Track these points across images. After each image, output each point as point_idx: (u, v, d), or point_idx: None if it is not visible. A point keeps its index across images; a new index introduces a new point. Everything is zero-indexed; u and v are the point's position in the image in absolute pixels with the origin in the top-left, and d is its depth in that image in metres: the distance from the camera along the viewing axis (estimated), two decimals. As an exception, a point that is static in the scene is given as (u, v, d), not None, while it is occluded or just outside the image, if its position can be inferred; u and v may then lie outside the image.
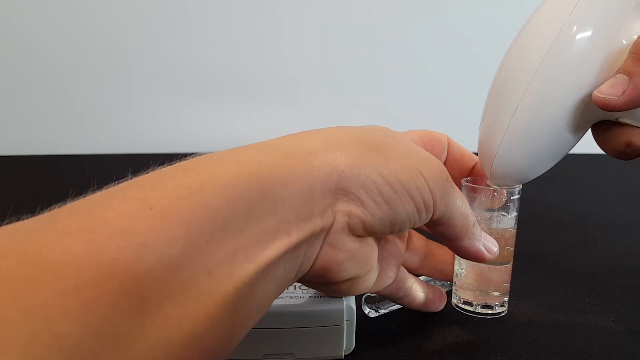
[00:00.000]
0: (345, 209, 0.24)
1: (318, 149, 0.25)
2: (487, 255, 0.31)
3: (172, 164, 0.23)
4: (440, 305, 0.36)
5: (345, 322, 0.30)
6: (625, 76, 0.27)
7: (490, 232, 0.33)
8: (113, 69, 0.85)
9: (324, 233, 0.24)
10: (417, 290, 0.34)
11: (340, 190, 0.24)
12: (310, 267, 0.25)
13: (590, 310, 0.38)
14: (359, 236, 0.26)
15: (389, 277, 0.31)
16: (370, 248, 0.27)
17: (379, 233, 0.26)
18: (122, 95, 0.86)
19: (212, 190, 0.21)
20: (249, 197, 0.21)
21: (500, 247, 0.32)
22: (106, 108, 0.87)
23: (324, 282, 0.27)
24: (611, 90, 0.27)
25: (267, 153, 0.24)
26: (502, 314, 0.36)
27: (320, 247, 0.25)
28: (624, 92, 0.27)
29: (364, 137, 0.26)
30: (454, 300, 0.36)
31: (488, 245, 0.31)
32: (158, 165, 0.23)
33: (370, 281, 0.28)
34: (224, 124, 0.87)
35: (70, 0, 0.81)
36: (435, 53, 0.88)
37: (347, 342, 0.31)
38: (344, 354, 0.31)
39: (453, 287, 0.36)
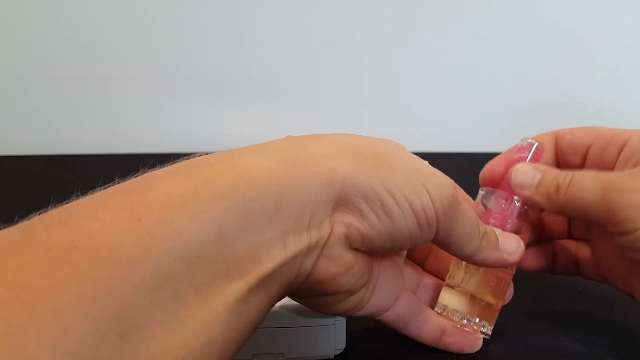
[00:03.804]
0: (344, 219, 0.23)
1: (319, 153, 0.23)
2: (510, 258, 0.29)
3: (165, 166, 0.21)
4: (466, 349, 0.31)
5: (335, 321, 0.31)
6: None
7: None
8: (111, 69, 0.85)
9: (321, 245, 0.23)
10: (427, 323, 0.31)
11: (341, 200, 0.23)
12: (304, 280, 0.24)
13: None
14: (356, 250, 0.24)
15: (386, 300, 0.29)
16: (368, 263, 0.26)
17: (377, 248, 0.25)
18: (120, 95, 0.86)
19: (207, 200, 0.19)
20: (246, 208, 0.20)
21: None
22: (104, 108, 0.87)
23: (314, 294, 0.25)
24: None
25: (267, 157, 0.22)
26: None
27: (316, 260, 0.23)
28: None
29: (370, 145, 0.25)
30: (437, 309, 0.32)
31: (508, 248, 0.29)
32: (149, 168, 0.21)
33: (363, 300, 0.27)
34: (224, 124, 0.87)
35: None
36: (438, 54, 0.87)
37: (338, 341, 0.31)
38: (334, 354, 0.31)
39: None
